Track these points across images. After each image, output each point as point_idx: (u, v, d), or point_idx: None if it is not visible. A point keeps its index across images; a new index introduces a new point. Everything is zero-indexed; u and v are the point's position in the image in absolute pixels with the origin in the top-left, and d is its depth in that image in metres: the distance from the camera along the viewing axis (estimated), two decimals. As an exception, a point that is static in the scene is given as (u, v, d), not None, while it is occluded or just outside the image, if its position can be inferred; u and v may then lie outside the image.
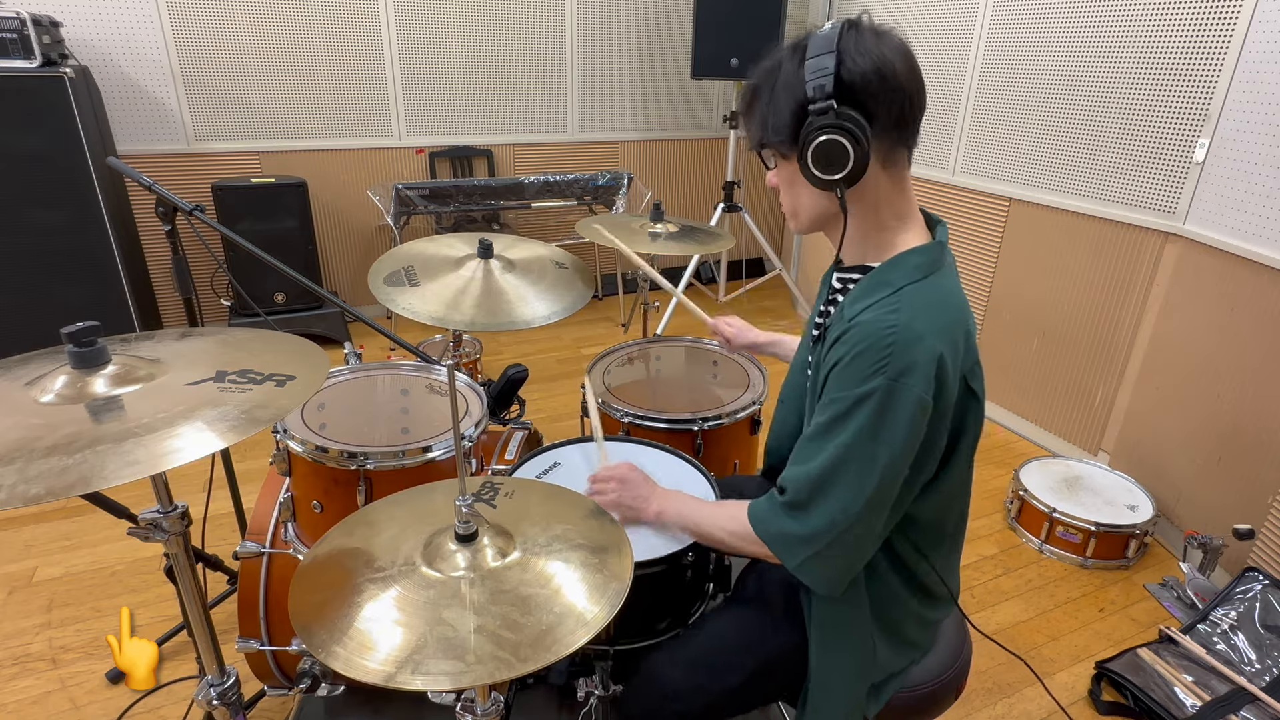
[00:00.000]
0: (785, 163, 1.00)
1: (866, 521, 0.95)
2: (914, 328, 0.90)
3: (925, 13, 3.24)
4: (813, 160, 0.92)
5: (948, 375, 0.91)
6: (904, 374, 0.88)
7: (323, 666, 1.46)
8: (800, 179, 0.97)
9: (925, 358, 0.89)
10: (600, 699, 1.23)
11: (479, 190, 3.89)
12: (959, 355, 0.93)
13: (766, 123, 0.97)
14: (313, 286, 1.84)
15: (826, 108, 0.90)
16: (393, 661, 0.77)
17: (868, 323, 0.92)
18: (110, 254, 3.00)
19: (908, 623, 1.12)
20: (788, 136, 0.94)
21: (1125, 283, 2.61)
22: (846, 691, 1.09)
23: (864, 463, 0.92)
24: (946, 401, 0.93)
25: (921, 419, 0.90)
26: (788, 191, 1.03)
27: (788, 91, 0.93)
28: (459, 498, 0.92)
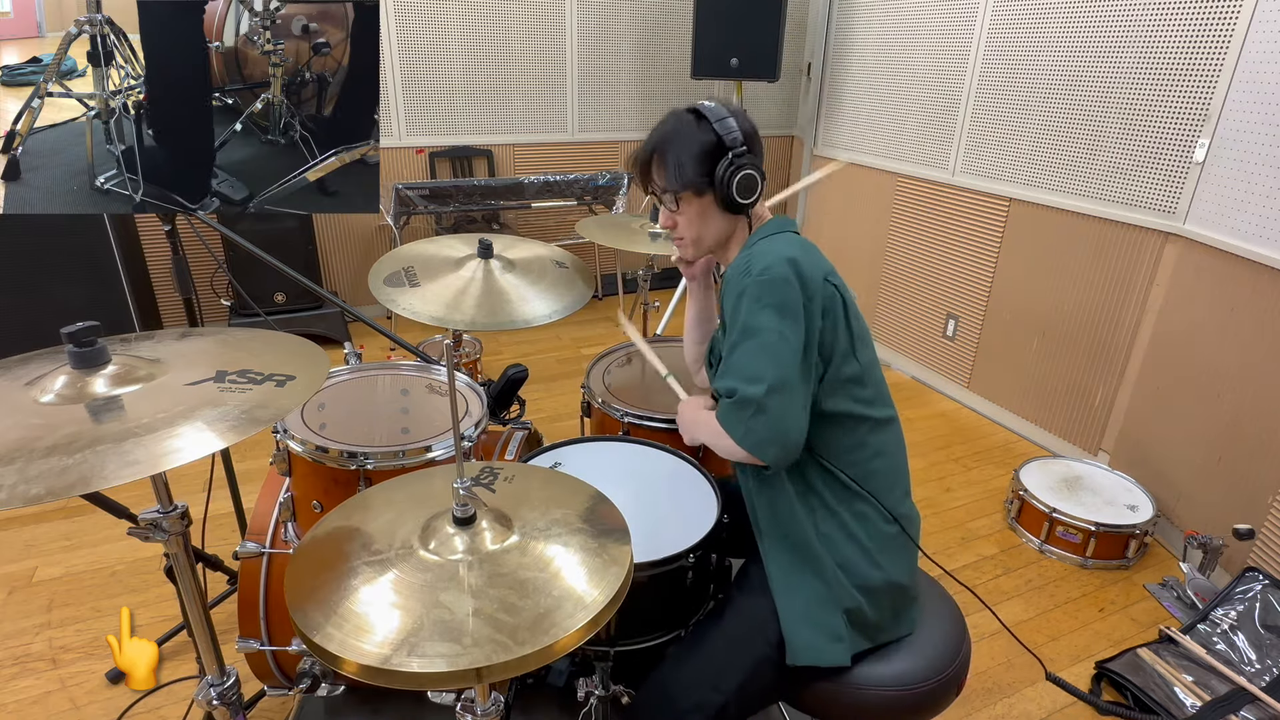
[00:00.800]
0: (697, 200, 1.22)
1: (782, 383, 1.07)
2: (764, 250, 1.15)
3: (925, 13, 3.24)
4: (738, 191, 1.18)
5: (804, 269, 1.11)
6: (765, 269, 1.11)
7: (323, 666, 1.46)
8: (712, 210, 1.23)
9: (777, 257, 1.12)
10: (600, 699, 1.23)
11: (479, 190, 3.89)
12: (815, 261, 1.15)
13: (682, 170, 1.20)
14: (313, 286, 1.84)
15: (743, 152, 1.19)
16: (389, 644, 0.76)
17: (732, 266, 1.21)
18: (110, 254, 3.00)
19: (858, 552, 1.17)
20: (704, 178, 1.19)
21: (1125, 283, 2.61)
22: (817, 612, 1.14)
23: (757, 334, 1.10)
24: (813, 286, 1.11)
25: (790, 290, 1.09)
26: (694, 224, 1.25)
27: (699, 145, 1.19)
28: (457, 480, 0.92)
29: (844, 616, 1.15)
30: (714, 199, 1.21)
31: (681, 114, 1.24)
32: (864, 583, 1.16)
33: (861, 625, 1.17)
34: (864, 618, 1.17)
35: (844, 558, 1.17)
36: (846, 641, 1.15)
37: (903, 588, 1.22)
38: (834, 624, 1.15)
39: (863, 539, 1.18)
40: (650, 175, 1.27)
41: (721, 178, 1.18)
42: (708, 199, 1.22)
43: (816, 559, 1.16)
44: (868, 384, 1.19)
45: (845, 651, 1.14)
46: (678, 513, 1.33)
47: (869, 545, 1.18)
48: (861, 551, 1.17)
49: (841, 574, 1.16)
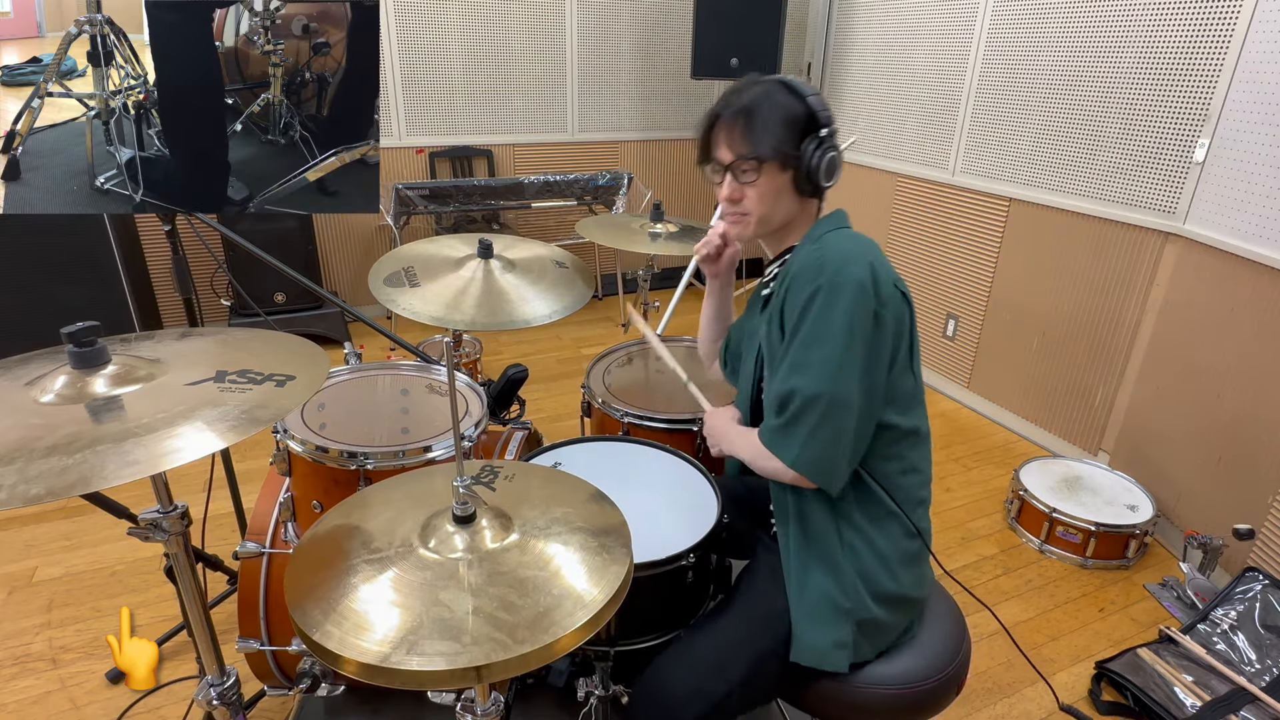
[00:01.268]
0: (778, 174, 1.14)
1: (839, 399, 1.05)
2: (839, 247, 1.10)
3: (925, 13, 3.24)
4: (823, 172, 1.12)
5: (879, 275, 1.06)
6: (838, 272, 1.05)
7: (323, 666, 1.46)
8: (788, 189, 1.15)
9: (855, 261, 1.06)
10: (600, 699, 1.23)
11: (479, 190, 3.89)
12: (888, 267, 1.10)
13: (773, 137, 1.11)
14: (313, 286, 1.84)
15: (834, 130, 1.13)
16: (389, 642, 0.76)
17: (801, 258, 1.13)
18: (110, 254, 3.00)
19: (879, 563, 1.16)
20: (792, 151, 1.12)
21: (1125, 283, 2.61)
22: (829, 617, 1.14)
23: (824, 341, 1.05)
24: (886, 293, 1.06)
25: (864, 301, 1.04)
26: (765, 200, 1.16)
27: (792, 115, 1.11)
28: (457, 478, 0.92)
29: (854, 626, 1.14)
30: (793, 177, 1.14)
31: (769, 81, 1.15)
32: (880, 595, 1.15)
33: (870, 635, 1.16)
34: (873, 628, 1.16)
35: (864, 568, 1.16)
36: (850, 650, 1.14)
37: (916, 601, 1.22)
38: (843, 632, 1.14)
39: (884, 550, 1.16)
40: (731, 136, 1.15)
41: (809, 154, 1.11)
42: (788, 175, 1.14)
43: (836, 565, 1.15)
44: (916, 398, 1.16)
45: (846, 659, 1.14)
46: (678, 513, 1.33)
47: (890, 557, 1.16)
48: (882, 563, 1.16)
49: (860, 584, 1.15)
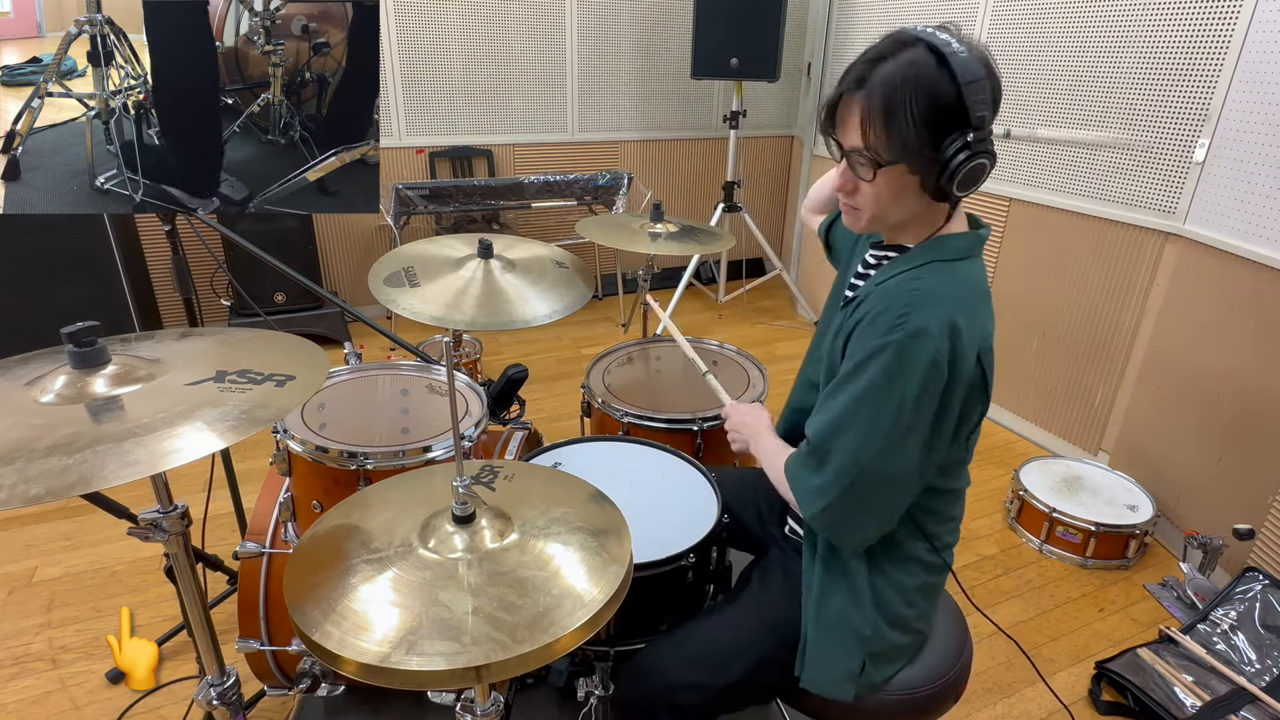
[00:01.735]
0: (906, 175, 0.96)
1: (880, 473, 0.97)
2: (934, 294, 0.95)
3: (925, 13, 3.24)
4: (960, 182, 0.92)
5: (962, 343, 0.94)
6: (919, 333, 0.92)
7: (323, 666, 1.46)
8: (911, 189, 0.96)
9: (940, 321, 0.93)
10: (600, 699, 1.23)
11: (479, 190, 3.89)
12: (976, 333, 0.96)
13: (905, 137, 0.91)
14: (313, 286, 1.84)
15: (986, 135, 0.91)
16: (388, 642, 0.76)
17: (891, 287, 0.99)
18: (110, 254, 3.00)
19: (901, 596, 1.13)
20: (928, 151, 0.92)
21: (1125, 283, 2.61)
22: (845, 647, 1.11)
23: (875, 411, 0.95)
24: (962, 369, 0.95)
25: (935, 376, 0.93)
26: (882, 200, 0.99)
27: (935, 105, 0.90)
28: (456, 478, 0.92)
29: (866, 657, 1.11)
30: (921, 180, 0.95)
31: (919, 51, 0.91)
32: (896, 622, 1.13)
33: (880, 664, 1.14)
34: (884, 657, 1.14)
35: (883, 597, 1.12)
36: (856, 682, 1.12)
37: (928, 631, 1.21)
38: (854, 662, 1.11)
39: (905, 583, 1.13)
40: (852, 120, 0.96)
41: (949, 158, 0.91)
42: (916, 177, 0.95)
43: (859, 592, 1.11)
44: (964, 461, 1.10)
45: (852, 691, 1.12)
46: (678, 513, 1.33)
47: (910, 589, 1.13)
48: (901, 594, 1.13)
49: (877, 612, 1.11)
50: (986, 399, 1.02)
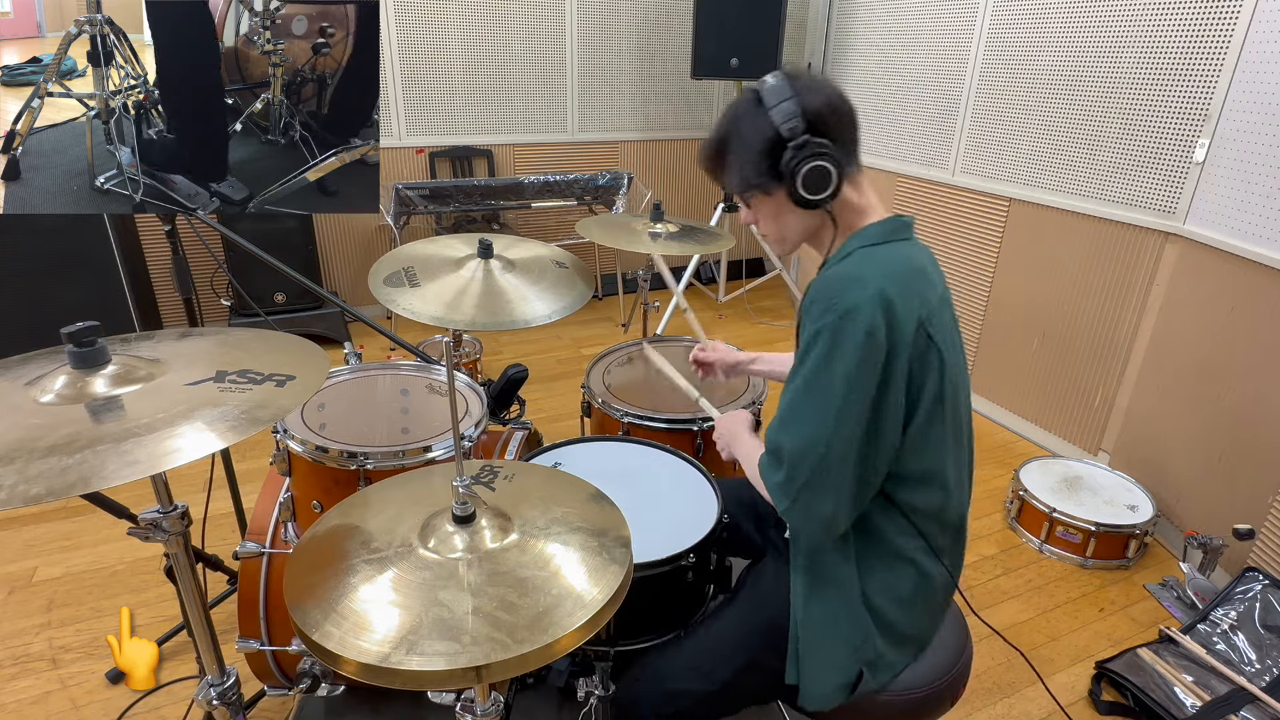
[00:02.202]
0: (769, 198, 1.09)
1: (837, 454, 0.99)
2: (859, 274, 1.01)
3: (925, 13, 3.24)
4: (804, 186, 1.03)
5: (896, 313, 0.98)
6: (849, 311, 0.97)
7: (323, 666, 1.46)
8: (787, 207, 1.08)
9: (870, 296, 0.98)
10: (600, 699, 1.23)
11: (479, 190, 3.89)
12: (913, 302, 1.00)
13: (743, 172, 1.07)
14: (313, 287, 1.84)
15: (804, 142, 1.02)
16: (388, 642, 0.76)
17: (822, 278, 1.05)
18: (110, 254, 3.00)
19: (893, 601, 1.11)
20: (768, 174, 1.05)
21: (1125, 283, 2.61)
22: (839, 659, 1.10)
23: (821, 392, 0.99)
24: (900, 338, 0.98)
25: (872, 348, 0.97)
26: (773, 222, 1.13)
27: (758, 137, 1.04)
28: (456, 478, 0.92)
29: (862, 668, 1.10)
30: (787, 194, 1.06)
31: (744, 100, 1.08)
32: (892, 636, 1.12)
33: (876, 672, 1.12)
34: (881, 666, 1.12)
35: (880, 607, 1.11)
36: (849, 689, 1.11)
37: (928, 639, 1.19)
38: (849, 674, 1.10)
39: (904, 594, 1.11)
40: (716, 174, 1.15)
41: (787, 175, 1.04)
42: (779, 196, 1.07)
43: (852, 605, 1.10)
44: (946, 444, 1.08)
45: (844, 696, 1.11)
46: (678, 513, 1.34)
47: (909, 600, 1.12)
48: (898, 605, 1.11)
49: (872, 623, 1.10)
50: (945, 365, 1.03)
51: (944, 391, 1.04)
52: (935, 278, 1.08)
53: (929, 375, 1.02)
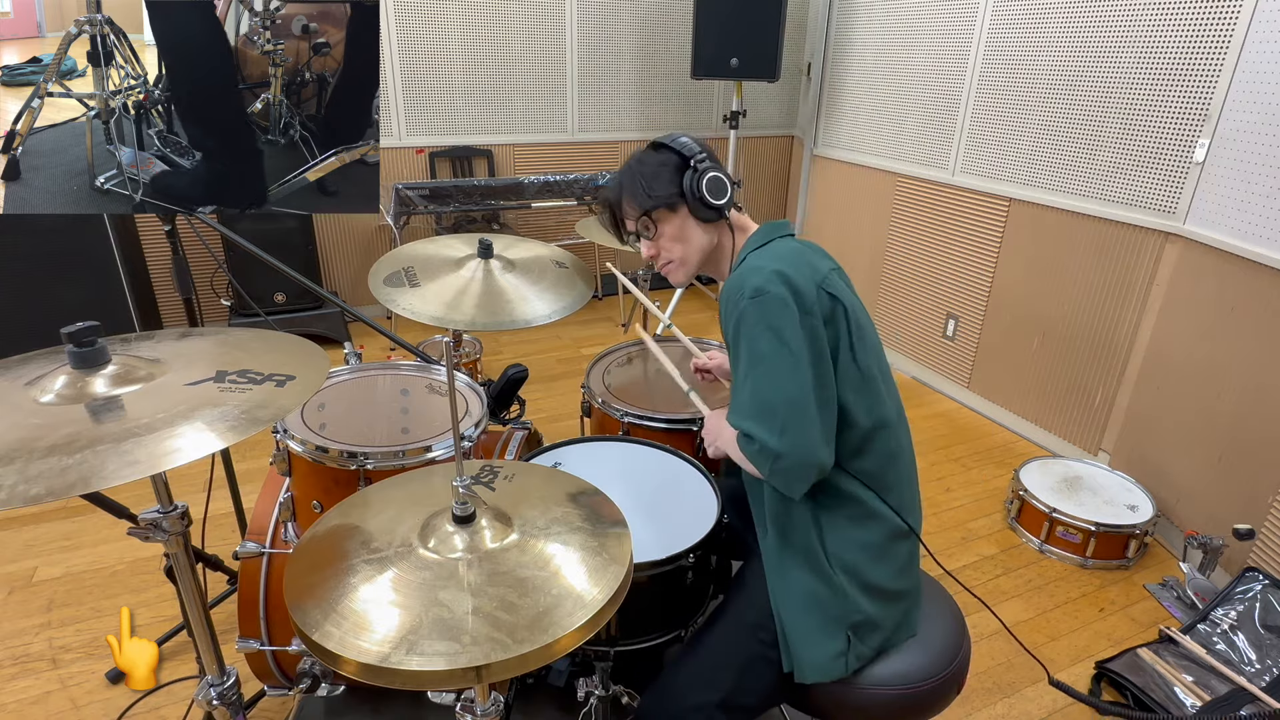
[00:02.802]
0: (672, 216, 1.24)
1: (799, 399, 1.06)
2: (754, 265, 1.13)
3: (925, 13, 3.24)
4: (709, 192, 1.20)
5: (795, 281, 1.09)
6: (756, 291, 1.08)
7: (323, 666, 1.46)
8: (690, 223, 1.24)
9: (766, 275, 1.09)
10: (600, 699, 1.23)
11: (479, 190, 3.89)
12: (805, 272, 1.11)
13: (651, 189, 1.22)
14: (313, 287, 1.84)
15: (705, 157, 1.22)
16: (388, 642, 0.77)
17: (725, 284, 1.18)
18: (110, 254, 3.00)
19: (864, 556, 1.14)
20: (672, 192, 1.21)
21: (1125, 283, 2.61)
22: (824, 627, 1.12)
23: (763, 361, 1.07)
24: (806, 301, 1.08)
25: (785, 312, 1.07)
26: (675, 243, 1.26)
27: (660, 165, 1.22)
28: (456, 478, 0.92)
29: (849, 631, 1.13)
30: (688, 211, 1.23)
31: (636, 153, 1.28)
32: (870, 589, 1.14)
33: (865, 636, 1.14)
34: (868, 627, 1.14)
35: (849, 563, 1.14)
36: (847, 657, 1.13)
37: (909, 593, 1.21)
38: (838, 641, 1.13)
39: (868, 541, 1.15)
40: (622, 214, 1.29)
41: (690, 186, 1.20)
42: (682, 212, 1.23)
43: (819, 564, 1.14)
44: (870, 388, 1.15)
45: (844, 667, 1.13)
46: (678, 513, 1.34)
47: (874, 546, 1.15)
48: (867, 554, 1.15)
49: (846, 580, 1.14)
50: (850, 315, 1.13)
51: (853, 331, 1.14)
52: (821, 257, 1.21)
53: (839, 324, 1.13)
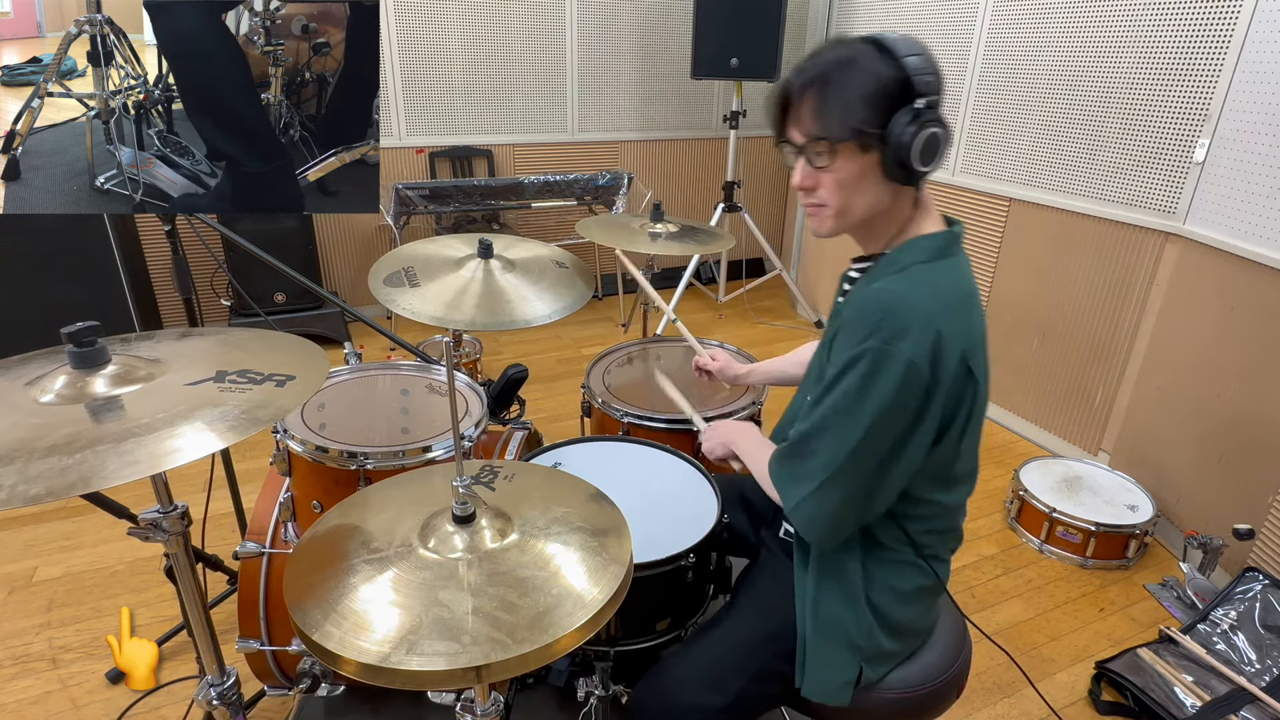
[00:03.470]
0: (859, 157, 0.96)
1: (853, 476, 0.99)
2: (912, 298, 0.95)
3: (925, 13, 3.24)
4: (917, 153, 0.92)
5: (945, 348, 0.93)
6: (896, 337, 0.92)
7: (323, 666, 1.46)
8: (873, 174, 0.97)
9: (920, 325, 0.92)
10: (600, 699, 1.23)
11: (479, 190, 3.89)
12: (958, 333, 0.95)
13: (849, 111, 0.93)
14: (313, 287, 1.84)
15: (935, 101, 0.92)
16: (388, 642, 0.76)
17: (870, 293, 0.98)
18: (110, 254, 3.00)
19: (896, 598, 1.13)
20: (876, 128, 0.93)
21: (1125, 283, 2.61)
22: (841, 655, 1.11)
23: (849, 418, 0.96)
24: (943, 371, 0.94)
25: (912, 382, 0.93)
26: (845, 189, 0.98)
27: (877, 82, 0.92)
28: (456, 478, 0.92)
29: (863, 664, 1.11)
30: (879, 159, 0.95)
31: (855, 42, 0.95)
32: (892, 628, 1.13)
33: (876, 665, 1.13)
34: (881, 659, 1.14)
35: (879, 602, 1.12)
36: (853, 686, 1.12)
37: (927, 630, 1.21)
38: (852, 670, 1.11)
39: (901, 587, 1.13)
40: (798, 114, 0.98)
41: (900, 131, 0.91)
42: (872, 158, 0.95)
43: (854, 597, 1.11)
44: (960, 469, 1.08)
45: (850, 695, 1.12)
46: (678, 513, 1.33)
47: (909, 599, 1.14)
48: (898, 597, 1.13)
49: (874, 617, 1.12)
50: (977, 398, 1.01)
51: (972, 415, 1.02)
52: (977, 304, 1.04)
53: (962, 407, 0.99)
